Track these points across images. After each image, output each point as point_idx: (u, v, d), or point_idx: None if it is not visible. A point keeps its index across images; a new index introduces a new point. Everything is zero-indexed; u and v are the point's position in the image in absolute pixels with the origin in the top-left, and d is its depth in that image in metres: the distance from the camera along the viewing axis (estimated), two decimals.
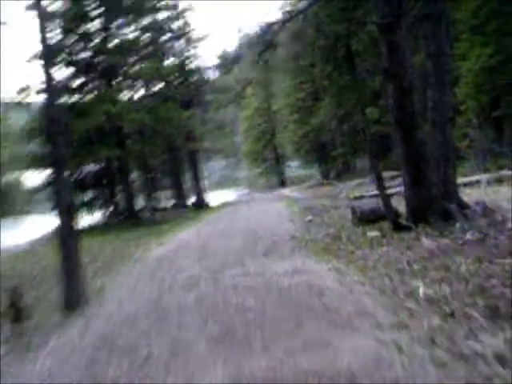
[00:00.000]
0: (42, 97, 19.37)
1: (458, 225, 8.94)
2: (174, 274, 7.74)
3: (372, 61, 11.10)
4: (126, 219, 21.19)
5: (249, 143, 49.22)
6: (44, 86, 5.67)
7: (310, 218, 13.92)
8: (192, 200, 29.39)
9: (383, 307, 4.95)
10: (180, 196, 29.22)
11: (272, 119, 46.01)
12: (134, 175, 27.03)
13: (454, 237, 8.14)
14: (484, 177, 17.64)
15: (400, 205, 10.27)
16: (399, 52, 9.41)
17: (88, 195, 22.31)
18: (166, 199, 30.38)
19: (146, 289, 6.82)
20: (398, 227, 9.44)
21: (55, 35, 20.12)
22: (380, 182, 9.86)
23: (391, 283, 5.85)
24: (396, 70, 9.48)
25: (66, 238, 5.54)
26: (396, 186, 14.26)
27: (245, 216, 17.22)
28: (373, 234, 9.55)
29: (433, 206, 9.56)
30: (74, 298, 5.64)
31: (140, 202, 26.50)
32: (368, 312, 4.83)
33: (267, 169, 48.71)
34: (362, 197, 18.59)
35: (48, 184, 16.90)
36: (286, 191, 34.83)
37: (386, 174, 22.77)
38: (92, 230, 19.95)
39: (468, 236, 8.03)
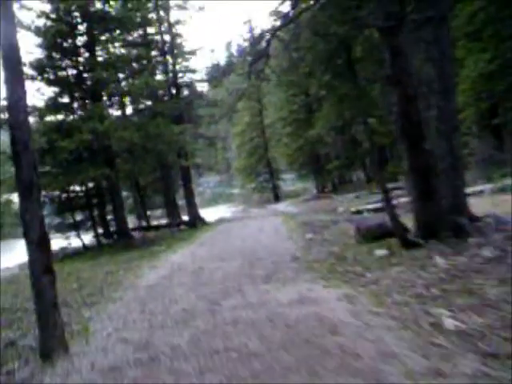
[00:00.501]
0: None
1: (471, 240, 8.35)
2: (166, 305, 6.99)
3: (373, 68, 10.57)
4: (117, 240, 20.44)
5: (241, 158, 48.67)
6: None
7: (310, 235, 13.23)
8: (185, 218, 28.63)
9: (409, 346, 4.25)
10: (173, 214, 28.43)
11: (265, 133, 45.51)
12: (125, 194, 26.34)
13: (469, 254, 7.53)
14: (487, 187, 17.15)
15: (403, 218, 9.61)
16: (402, 57, 8.84)
17: (78, 216, 21.51)
18: (158, 218, 29.64)
19: (135, 326, 6.04)
20: (406, 244, 8.80)
21: (39, 51, 19.60)
22: (386, 196, 9.21)
23: (411, 313, 5.17)
24: (400, 77, 8.90)
25: (39, 275, 4.79)
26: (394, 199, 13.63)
27: (241, 235, 16.52)
28: (380, 252, 8.89)
29: (443, 220, 8.95)
30: (49, 345, 4.85)
31: (132, 222, 25.80)
32: (393, 354, 4.12)
33: (261, 184, 48.12)
34: (361, 211, 18.01)
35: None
36: (281, 206, 34.14)
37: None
38: (84, 252, 19.24)
39: (485, 253, 7.42)
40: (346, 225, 14.20)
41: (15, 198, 21.73)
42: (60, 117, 20.10)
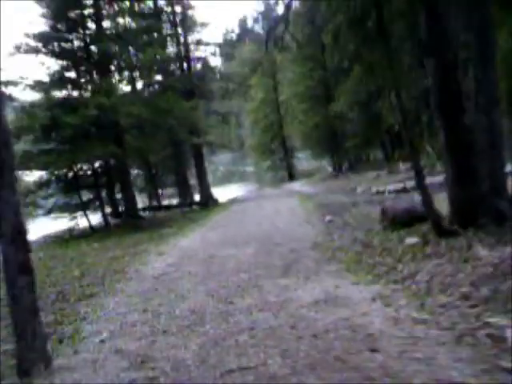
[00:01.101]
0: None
1: None
2: (171, 303, 6.12)
3: (404, 33, 9.50)
4: (126, 221, 19.68)
5: (255, 136, 47.91)
6: None
7: (329, 218, 12.32)
8: (197, 197, 27.85)
9: (471, 371, 3.32)
10: (184, 193, 27.66)
11: (279, 110, 44.43)
12: (135, 172, 25.58)
13: None
14: None
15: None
16: (442, 19, 7.77)
17: (85, 195, 20.67)
18: (169, 197, 28.88)
19: (133, 331, 5.17)
20: (441, 232, 7.82)
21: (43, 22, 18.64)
22: (420, 177, 8.20)
23: (464, 321, 4.24)
24: (437, 42, 7.84)
25: (14, 276, 3.93)
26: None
27: (255, 217, 15.68)
28: (412, 240, 7.92)
29: (483, 205, 7.95)
30: (28, 358, 4.01)
31: (141, 202, 25.06)
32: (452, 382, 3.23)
33: (275, 162, 47.26)
34: (383, 192, 17.07)
35: None
36: (296, 185, 33.27)
37: (403, 166, 21.27)
38: (91, 233, 18.47)
39: None
40: (368, 207, 13.30)
41: (23, 176, 21.11)
42: (66, 92, 19.25)
